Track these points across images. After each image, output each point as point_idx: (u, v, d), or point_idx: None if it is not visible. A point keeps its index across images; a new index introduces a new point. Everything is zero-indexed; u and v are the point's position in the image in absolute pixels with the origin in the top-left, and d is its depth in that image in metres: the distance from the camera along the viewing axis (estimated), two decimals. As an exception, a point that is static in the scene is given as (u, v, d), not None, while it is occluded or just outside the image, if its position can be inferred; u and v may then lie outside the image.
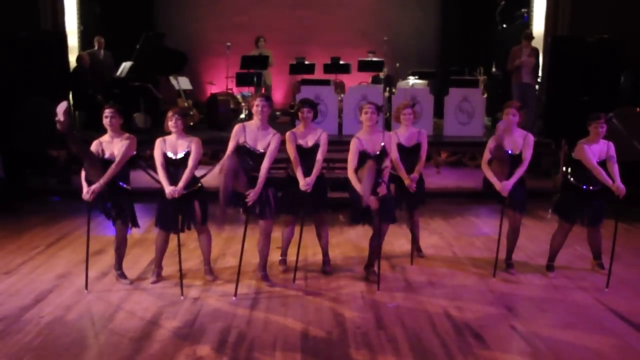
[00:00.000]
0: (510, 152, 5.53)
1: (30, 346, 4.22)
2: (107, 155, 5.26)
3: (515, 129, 5.61)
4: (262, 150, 5.24)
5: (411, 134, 5.90)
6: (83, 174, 5.22)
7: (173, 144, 5.29)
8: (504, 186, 5.48)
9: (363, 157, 5.29)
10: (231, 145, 5.25)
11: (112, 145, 5.29)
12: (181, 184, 5.17)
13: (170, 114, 5.30)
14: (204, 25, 14.00)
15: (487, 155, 5.61)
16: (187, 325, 4.58)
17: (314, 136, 5.49)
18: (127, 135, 5.38)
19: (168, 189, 5.16)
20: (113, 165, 5.19)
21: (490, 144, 5.55)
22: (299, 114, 5.50)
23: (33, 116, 8.92)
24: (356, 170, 5.28)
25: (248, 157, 5.21)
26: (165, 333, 4.45)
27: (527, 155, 5.55)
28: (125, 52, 11.41)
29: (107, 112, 5.28)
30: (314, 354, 4.16)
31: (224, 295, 5.20)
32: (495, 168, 5.52)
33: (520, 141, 5.57)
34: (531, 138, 5.62)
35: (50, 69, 9.47)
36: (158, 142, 5.31)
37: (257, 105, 5.25)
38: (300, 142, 5.46)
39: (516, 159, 5.54)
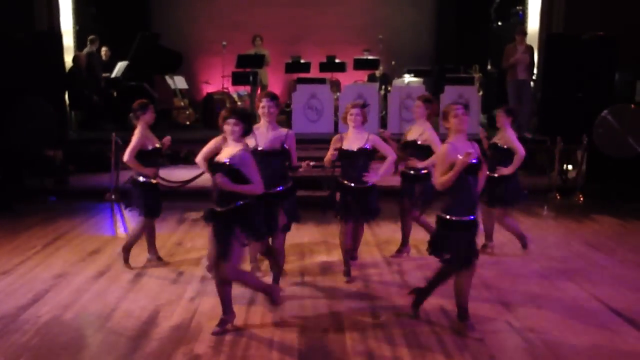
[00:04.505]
0: None
1: (28, 345, 4.23)
2: None
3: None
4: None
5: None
6: None
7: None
8: None
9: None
10: None
11: None
12: None
13: (233, 119, 4.22)
14: (199, 24, 13.98)
15: None
16: (184, 324, 4.59)
17: (360, 140, 5.26)
18: None
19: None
20: None
21: None
22: (348, 116, 5.24)
23: (29, 116, 8.93)
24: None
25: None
26: (162, 331, 4.46)
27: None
28: (120, 52, 11.42)
29: None
30: (310, 351, 4.18)
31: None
32: None
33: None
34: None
35: (45, 69, 9.46)
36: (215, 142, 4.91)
37: (263, 107, 4.94)
38: (346, 145, 5.24)
39: None
